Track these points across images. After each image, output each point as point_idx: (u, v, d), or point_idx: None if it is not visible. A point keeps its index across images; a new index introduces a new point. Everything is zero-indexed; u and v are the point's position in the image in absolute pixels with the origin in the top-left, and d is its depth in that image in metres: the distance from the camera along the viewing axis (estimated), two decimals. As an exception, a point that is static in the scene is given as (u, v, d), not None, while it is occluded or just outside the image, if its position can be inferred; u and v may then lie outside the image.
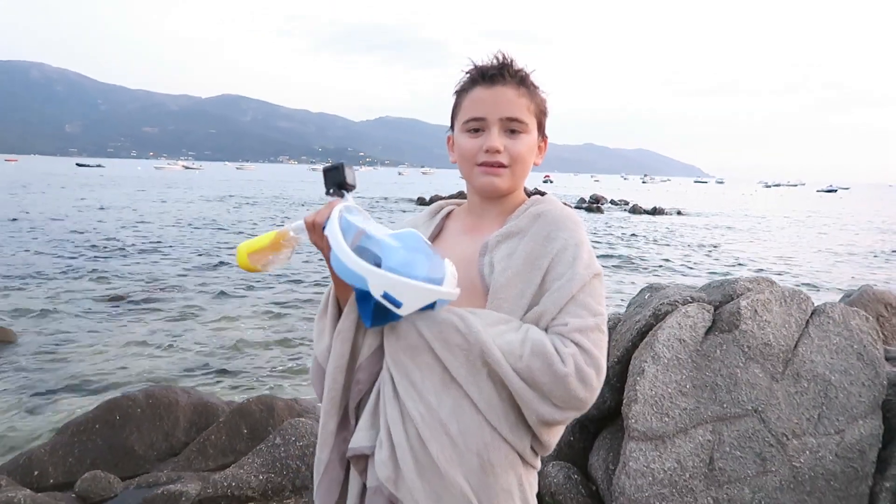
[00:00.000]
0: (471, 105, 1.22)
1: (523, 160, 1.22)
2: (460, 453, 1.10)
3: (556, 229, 1.19)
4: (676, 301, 2.88)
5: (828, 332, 2.85)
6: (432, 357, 1.13)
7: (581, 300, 1.13)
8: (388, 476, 1.12)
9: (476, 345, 1.09)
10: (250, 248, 1.22)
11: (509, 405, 1.12)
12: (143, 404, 3.84)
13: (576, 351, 1.08)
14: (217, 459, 3.60)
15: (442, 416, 1.10)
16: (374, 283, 1.05)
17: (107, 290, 10.11)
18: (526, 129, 1.21)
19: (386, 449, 1.13)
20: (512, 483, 1.14)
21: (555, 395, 1.08)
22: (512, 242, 1.20)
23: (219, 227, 21.60)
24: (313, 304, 9.95)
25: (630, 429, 2.58)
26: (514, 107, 1.20)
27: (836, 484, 2.65)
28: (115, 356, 6.86)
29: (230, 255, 14.88)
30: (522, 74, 1.23)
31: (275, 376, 6.49)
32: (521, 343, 1.09)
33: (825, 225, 32.42)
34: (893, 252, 20.59)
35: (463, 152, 1.24)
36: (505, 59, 1.22)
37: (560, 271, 1.15)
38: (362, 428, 1.19)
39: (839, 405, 2.74)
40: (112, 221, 21.67)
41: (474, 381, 1.10)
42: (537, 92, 1.25)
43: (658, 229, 25.85)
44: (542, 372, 1.07)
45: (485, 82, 1.21)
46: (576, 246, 1.17)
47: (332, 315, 1.26)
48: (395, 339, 1.16)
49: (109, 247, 15.40)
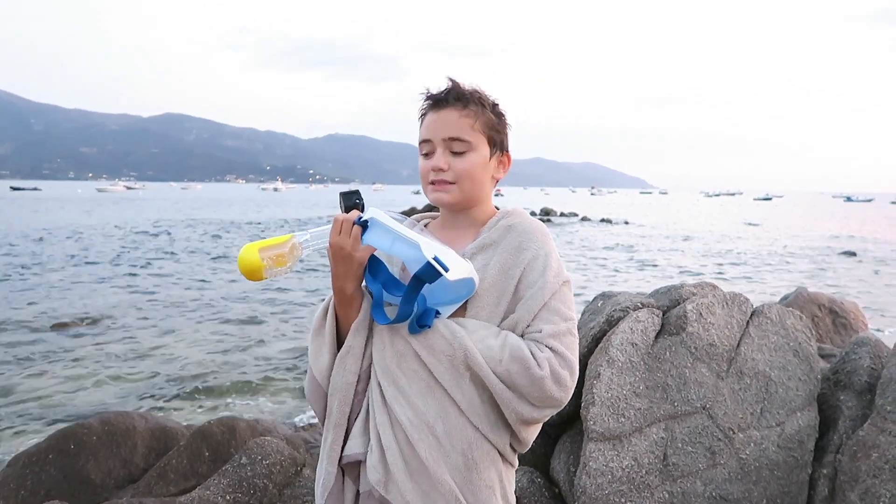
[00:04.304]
0: (423, 129, 1.31)
1: (470, 176, 1.28)
2: (446, 453, 1.18)
3: (526, 240, 1.27)
4: (628, 307, 3.03)
5: (766, 332, 3.06)
6: (418, 363, 1.21)
7: (553, 306, 1.22)
8: (378, 479, 1.19)
9: (460, 350, 1.17)
10: (262, 245, 1.16)
11: (490, 406, 1.21)
12: (98, 431, 3.74)
13: (550, 355, 1.17)
14: (179, 484, 3.54)
15: (428, 419, 1.18)
16: (427, 248, 1.13)
17: (50, 318, 9.74)
18: (470, 147, 1.28)
19: (376, 453, 1.20)
20: (494, 479, 1.23)
21: (532, 395, 1.17)
22: (486, 254, 1.28)
23: (167, 250, 21.03)
24: (262, 323, 9.83)
25: (589, 430, 2.70)
26: (455, 127, 1.27)
27: (778, 473, 2.83)
28: (66, 385, 6.63)
29: (177, 279, 14.52)
30: (466, 96, 1.29)
31: (235, 397, 6.39)
32: (501, 348, 1.17)
33: (764, 230, 33.89)
34: (828, 255, 21.71)
35: (420, 173, 1.32)
36: (451, 83, 1.31)
37: (532, 280, 1.24)
38: (355, 435, 1.25)
39: (779, 399, 2.93)
40: (54, 245, 20.82)
41: (458, 385, 1.19)
42: (485, 111, 1.30)
43: (607, 239, 26.52)
44: (520, 375, 1.16)
45: (433, 107, 1.30)
46: (545, 256, 1.26)
47: (331, 332, 1.29)
48: (381, 347, 1.24)
49: (51, 272, 14.81)
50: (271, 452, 3.11)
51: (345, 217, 1.20)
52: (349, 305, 1.25)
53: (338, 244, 1.19)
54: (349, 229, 1.19)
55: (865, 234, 32.63)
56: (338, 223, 1.20)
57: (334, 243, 1.20)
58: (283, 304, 11.34)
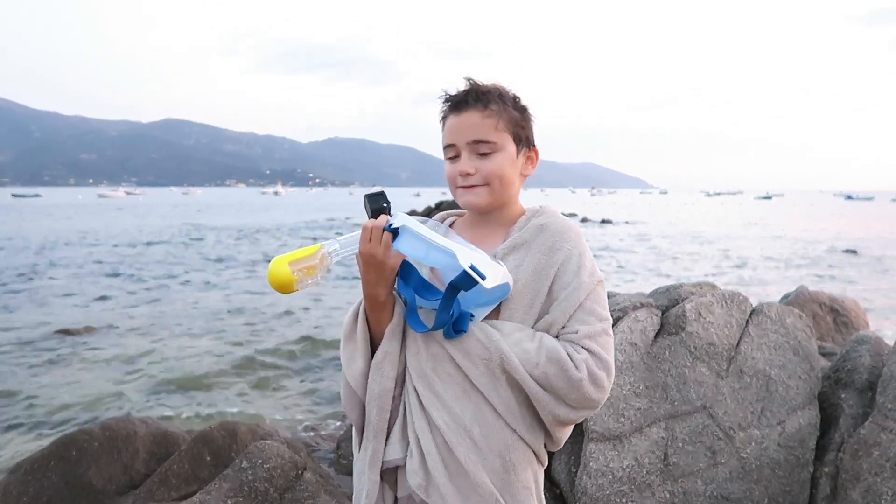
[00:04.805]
0: (446, 134, 1.30)
1: (499, 177, 1.26)
2: (483, 455, 1.18)
3: (559, 240, 1.25)
4: (627, 307, 3.03)
5: (766, 331, 3.05)
6: (453, 367, 1.20)
7: (588, 307, 1.21)
8: (419, 483, 1.19)
9: (496, 353, 1.17)
10: (291, 257, 1.14)
11: (526, 408, 1.21)
12: (99, 438, 3.75)
13: (587, 356, 1.17)
14: (180, 489, 3.55)
15: (465, 422, 1.18)
16: (463, 256, 1.11)
17: (53, 324, 9.75)
18: (495, 147, 1.26)
19: (416, 458, 1.20)
20: (530, 479, 1.23)
21: (570, 397, 1.16)
22: (519, 254, 1.25)
23: (168, 253, 21.06)
24: (263, 327, 9.84)
25: (589, 431, 2.70)
26: (478, 129, 1.25)
27: (780, 472, 2.83)
28: (68, 391, 6.63)
29: (183, 283, 14.54)
30: (487, 96, 1.27)
31: (235, 401, 6.39)
32: (537, 351, 1.17)
33: (765, 230, 33.89)
34: (829, 254, 21.69)
35: (447, 177, 1.31)
36: (470, 83, 1.29)
37: (566, 281, 1.22)
38: (393, 441, 1.24)
39: (779, 398, 2.93)
40: (57, 252, 20.85)
41: (494, 388, 1.19)
42: (507, 108, 1.28)
43: (609, 239, 26.52)
44: (557, 377, 1.15)
45: (454, 111, 1.29)
46: (579, 256, 1.24)
47: (364, 337, 1.27)
48: (416, 351, 1.23)
49: (54, 278, 14.83)
50: (272, 456, 3.11)
51: (374, 224, 1.18)
52: (382, 310, 1.24)
53: (369, 252, 1.17)
54: (379, 236, 1.17)
55: (866, 232, 32.61)
56: (367, 231, 1.18)
57: (365, 251, 1.18)
58: (285, 308, 11.35)
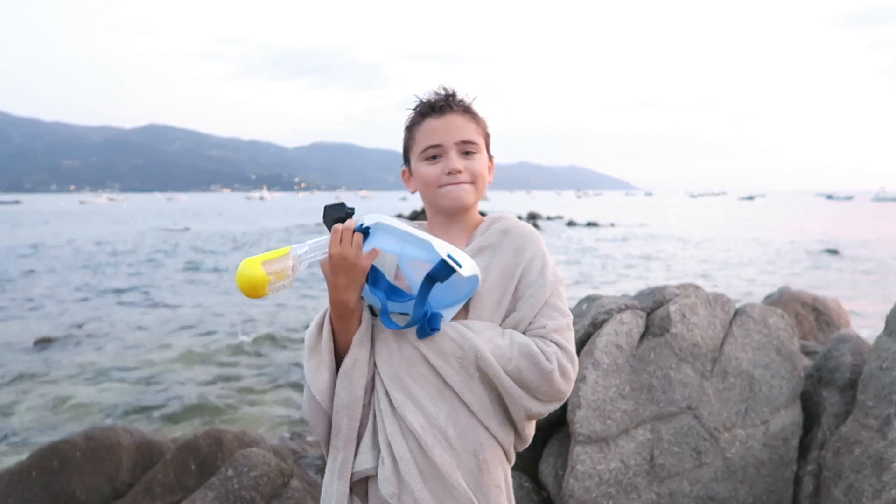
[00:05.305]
0: (425, 135, 1.32)
1: (482, 176, 1.34)
2: (458, 456, 1.19)
3: (524, 242, 1.32)
4: (612, 309, 3.05)
5: (749, 331, 3.08)
6: (427, 367, 1.21)
7: (553, 304, 1.27)
8: (392, 492, 1.17)
9: (470, 351, 1.19)
10: (264, 258, 1.10)
11: (498, 405, 1.23)
12: (82, 447, 3.69)
13: (556, 349, 1.22)
14: (165, 498, 3.50)
15: (440, 423, 1.19)
16: (440, 246, 1.14)
17: (33, 333, 9.61)
18: (478, 149, 1.34)
19: (388, 465, 1.19)
20: (501, 479, 1.25)
21: (541, 390, 1.20)
22: (485, 256, 1.30)
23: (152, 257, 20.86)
24: (244, 339, 9.77)
25: (576, 434, 2.71)
26: (465, 131, 1.32)
27: (764, 471, 2.85)
28: (48, 400, 6.54)
29: (163, 288, 14.40)
30: (465, 104, 1.35)
31: (221, 409, 6.34)
32: (509, 346, 1.21)
33: (748, 230, 34.24)
34: (811, 254, 21.97)
35: (425, 179, 1.32)
36: (448, 91, 1.35)
37: (531, 279, 1.28)
38: (364, 450, 1.23)
39: (763, 398, 2.96)
40: (36, 260, 20.56)
41: (468, 387, 1.21)
42: (480, 117, 1.38)
43: (594, 242, 26.66)
44: (529, 371, 1.19)
45: (435, 113, 1.32)
46: (542, 257, 1.32)
47: (328, 348, 1.25)
48: (388, 355, 1.23)
49: (33, 287, 14.62)
50: (258, 464, 3.08)
51: (344, 226, 1.17)
52: (350, 318, 1.23)
53: (340, 254, 1.16)
54: (350, 238, 1.16)
55: (847, 231, 33.08)
56: (337, 232, 1.17)
57: (336, 254, 1.16)
58: (270, 315, 11.27)
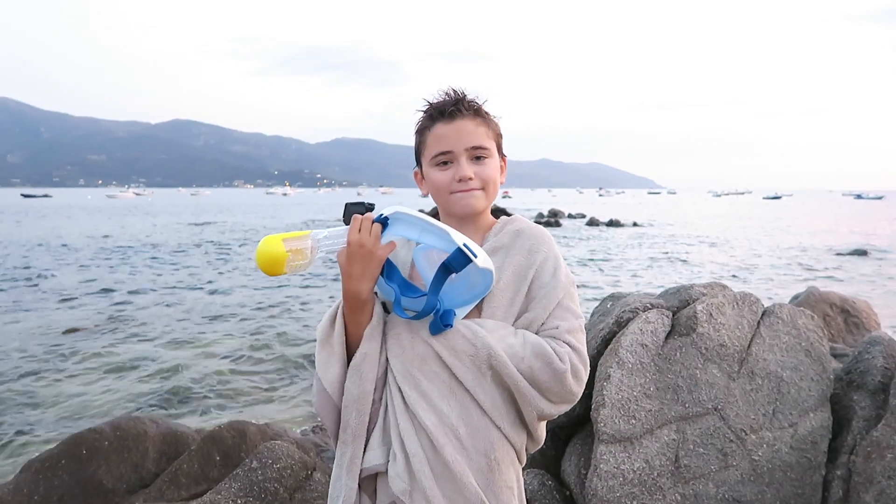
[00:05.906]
0: (435, 141, 1.32)
1: (493, 181, 1.33)
2: (469, 455, 1.19)
3: (537, 243, 1.32)
4: (637, 308, 3.02)
5: (777, 332, 3.03)
6: (439, 365, 1.21)
7: (565, 305, 1.27)
8: (403, 489, 1.17)
9: (483, 349, 1.19)
10: (285, 236, 1.13)
11: (510, 405, 1.22)
12: (110, 437, 3.76)
13: (569, 350, 1.22)
14: (190, 489, 3.55)
15: (451, 421, 1.19)
16: (456, 236, 1.15)
17: (63, 324, 9.81)
18: (489, 153, 1.33)
19: (400, 461, 1.18)
20: (512, 479, 1.24)
21: (553, 391, 1.20)
22: (499, 257, 1.30)
23: (179, 250, 21.16)
24: (271, 327, 9.86)
25: (599, 433, 2.69)
26: (475, 136, 1.31)
27: (792, 474, 2.81)
28: (77, 390, 6.67)
29: (189, 281, 14.60)
30: (476, 106, 1.33)
31: (245, 401, 6.41)
32: (522, 346, 1.20)
33: (774, 230, 33.67)
34: (839, 255, 21.53)
35: (436, 185, 1.32)
36: (458, 94, 1.33)
37: (544, 280, 1.28)
38: (374, 446, 1.23)
39: (791, 400, 2.91)
40: (67, 252, 20.99)
41: (480, 385, 1.20)
42: (491, 118, 1.36)
43: (617, 240, 26.43)
44: (542, 371, 1.19)
45: (444, 119, 1.31)
46: (555, 258, 1.31)
47: (340, 341, 1.26)
48: (400, 350, 1.23)
49: (64, 277, 14.93)
50: (282, 456, 3.11)
51: (364, 216, 1.20)
52: (361, 310, 1.23)
53: (358, 242, 1.18)
54: (369, 227, 1.19)
55: (877, 232, 32.35)
56: (357, 221, 1.19)
57: (354, 241, 1.18)
58: (292, 308, 11.37)
